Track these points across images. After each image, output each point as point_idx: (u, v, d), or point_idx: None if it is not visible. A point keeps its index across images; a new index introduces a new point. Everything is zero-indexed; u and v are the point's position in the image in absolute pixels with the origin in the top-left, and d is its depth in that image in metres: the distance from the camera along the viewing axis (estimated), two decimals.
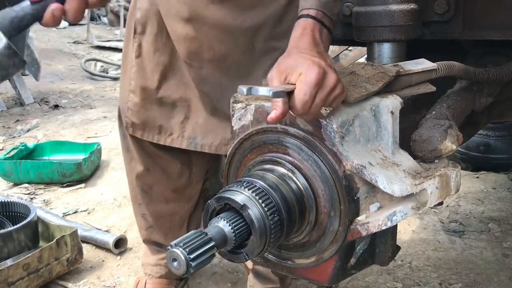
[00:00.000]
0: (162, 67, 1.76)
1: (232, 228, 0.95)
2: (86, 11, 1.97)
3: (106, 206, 3.11)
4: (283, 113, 0.97)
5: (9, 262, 2.17)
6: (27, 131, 4.72)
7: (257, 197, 0.98)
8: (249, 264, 2.07)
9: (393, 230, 1.12)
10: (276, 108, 0.96)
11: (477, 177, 3.35)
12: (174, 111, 1.81)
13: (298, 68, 1.00)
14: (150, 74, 1.77)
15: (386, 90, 1.12)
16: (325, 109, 1.01)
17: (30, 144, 3.86)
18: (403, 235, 2.65)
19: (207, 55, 1.67)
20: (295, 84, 0.98)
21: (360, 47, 3.33)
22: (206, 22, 1.64)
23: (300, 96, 0.96)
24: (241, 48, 1.66)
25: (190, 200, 2.11)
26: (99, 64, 7.69)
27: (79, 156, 3.63)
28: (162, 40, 1.74)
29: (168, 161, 1.97)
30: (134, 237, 2.64)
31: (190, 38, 1.67)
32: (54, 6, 1.16)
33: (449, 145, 1.10)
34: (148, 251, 2.18)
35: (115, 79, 6.91)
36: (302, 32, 1.16)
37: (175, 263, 0.88)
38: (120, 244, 2.56)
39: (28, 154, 3.70)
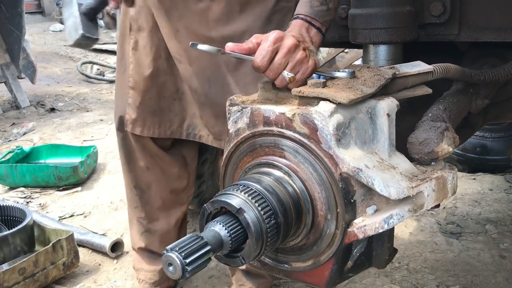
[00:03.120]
0: (158, 61, 1.78)
1: (228, 232, 0.95)
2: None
3: (103, 210, 3.10)
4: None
5: (4, 266, 2.16)
6: (23, 134, 4.71)
7: (253, 201, 0.97)
8: None
9: (390, 232, 1.12)
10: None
11: (474, 179, 3.35)
12: (172, 104, 1.84)
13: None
14: (147, 69, 1.79)
15: (382, 92, 1.11)
16: (288, 74, 1.13)
17: (26, 147, 3.85)
18: (400, 237, 2.64)
19: (197, 52, 1.69)
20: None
21: (356, 49, 3.33)
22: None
23: (260, 51, 1.14)
24: None
25: (184, 205, 2.12)
26: (95, 67, 7.68)
27: (76, 160, 3.62)
28: (158, 36, 1.76)
29: (168, 162, 1.99)
30: None
31: (180, 35, 1.69)
32: None
33: (446, 147, 1.09)
34: (142, 258, 2.17)
35: (111, 81, 6.90)
36: (290, 29, 1.28)
37: (171, 268, 0.88)
38: (116, 247, 2.55)
39: (24, 157, 3.69)
